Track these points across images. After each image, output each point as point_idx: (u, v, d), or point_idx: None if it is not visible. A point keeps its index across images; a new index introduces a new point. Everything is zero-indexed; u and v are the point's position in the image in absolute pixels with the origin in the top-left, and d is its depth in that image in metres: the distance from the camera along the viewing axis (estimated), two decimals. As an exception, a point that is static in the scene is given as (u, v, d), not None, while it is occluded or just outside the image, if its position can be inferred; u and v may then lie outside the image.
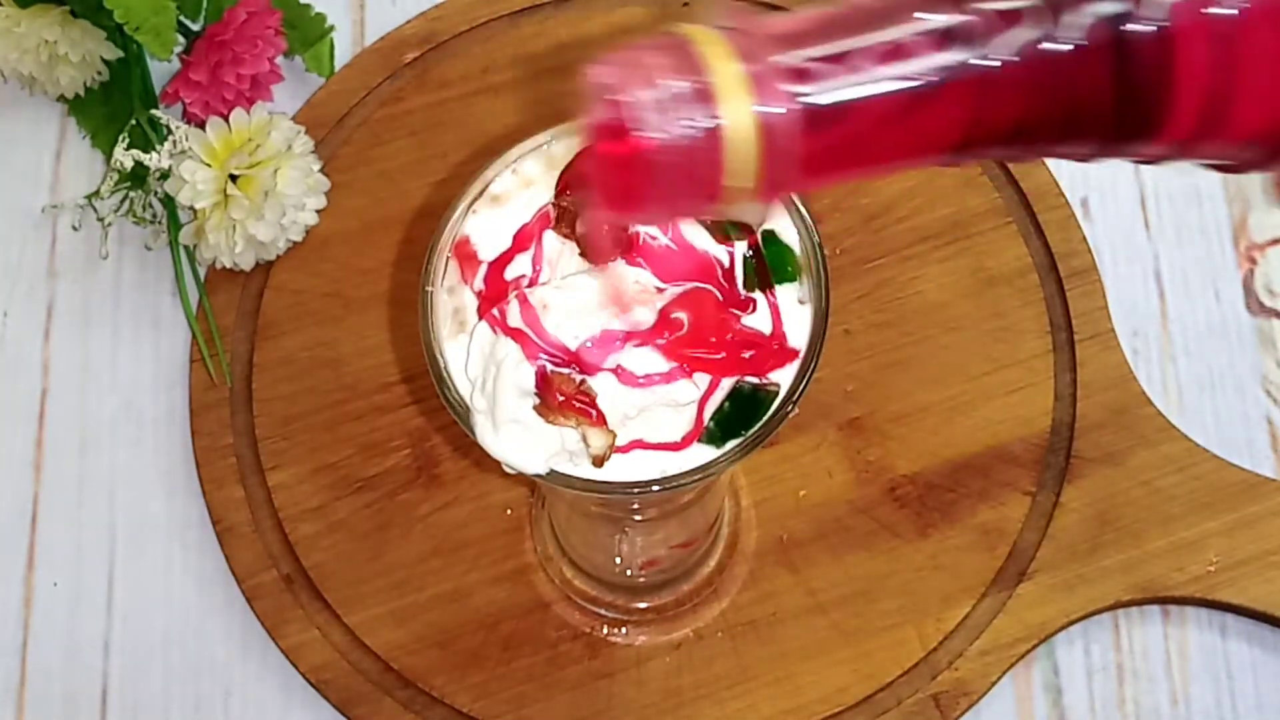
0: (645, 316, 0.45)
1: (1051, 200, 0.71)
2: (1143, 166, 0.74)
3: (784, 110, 0.34)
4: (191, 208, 0.67)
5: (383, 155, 0.73)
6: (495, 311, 0.46)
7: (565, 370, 0.45)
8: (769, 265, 0.47)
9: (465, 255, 0.47)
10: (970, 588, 0.64)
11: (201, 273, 0.71)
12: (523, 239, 0.47)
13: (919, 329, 0.69)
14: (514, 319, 0.45)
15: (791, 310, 0.47)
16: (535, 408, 0.45)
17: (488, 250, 0.47)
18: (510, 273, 0.46)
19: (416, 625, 0.64)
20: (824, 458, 0.67)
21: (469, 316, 0.47)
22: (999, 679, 0.63)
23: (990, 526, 0.65)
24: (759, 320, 0.46)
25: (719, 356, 0.45)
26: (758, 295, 0.46)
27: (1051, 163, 0.72)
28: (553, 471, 0.46)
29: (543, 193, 0.48)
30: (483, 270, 0.47)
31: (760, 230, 0.47)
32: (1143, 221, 0.73)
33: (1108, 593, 0.64)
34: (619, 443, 0.45)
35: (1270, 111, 0.34)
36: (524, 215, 0.48)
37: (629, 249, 0.46)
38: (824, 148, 0.34)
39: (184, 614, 0.66)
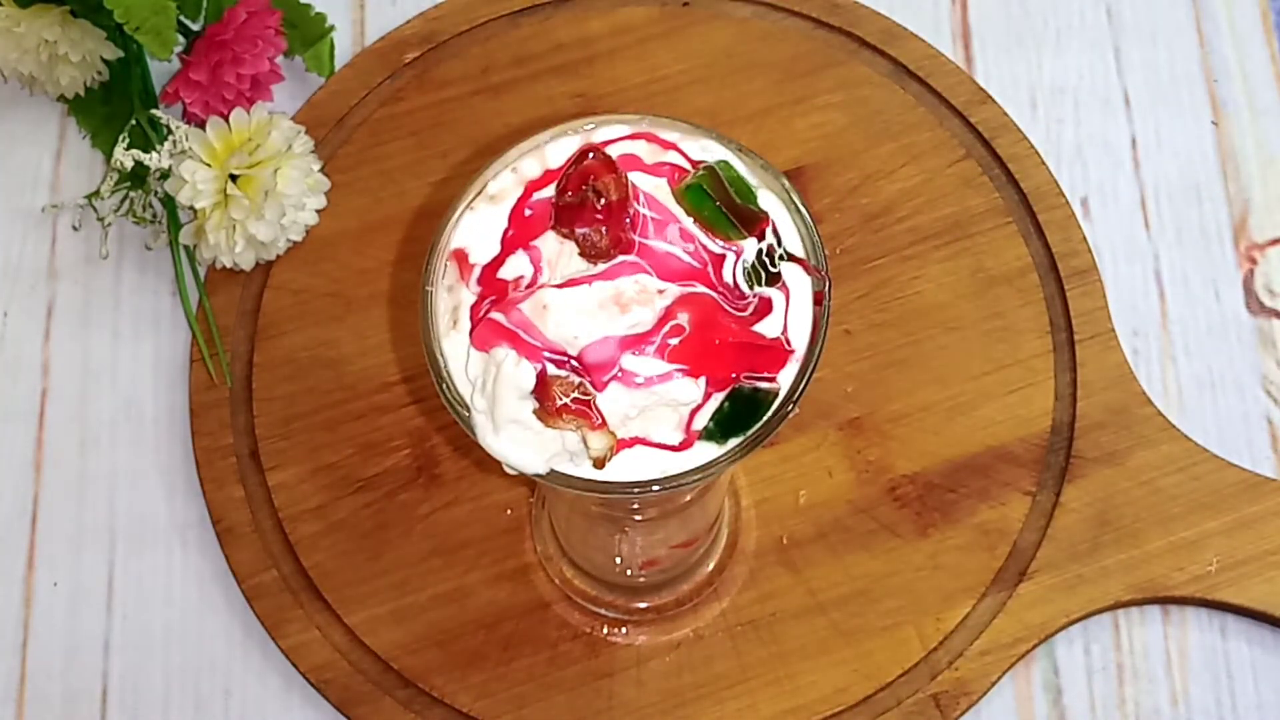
0: (645, 318, 0.45)
1: (1051, 200, 0.71)
2: (1143, 165, 0.74)
3: None
4: (191, 208, 0.67)
5: (383, 155, 0.73)
6: (484, 318, 0.45)
7: (564, 372, 0.44)
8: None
9: (461, 255, 0.47)
10: (970, 588, 0.64)
11: (201, 273, 0.71)
12: (509, 244, 0.47)
13: (919, 329, 0.69)
14: (507, 323, 0.45)
15: (798, 308, 0.46)
16: (535, 412, 0.45)
17: (485, 250, 0.47)
18: (509, 273, 0.46)
19: (416, 625, 0.64)
20: (824, 458, 0.67)
21: (463, 315, 0.46)
22: (999, 679, 0.63)
23: (990, 526, 0.65)
24: (762, 319, 0.46)
25: (720, 357, 0.45)
26: (767, 292, 0.46)
27: (1052, 162, 0.72)
28: (553, 471, 0.46)
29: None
30: (477, 271, 0.47)
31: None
32: (1143, 221, 0.73)
33: (1108, 593, 0.64)
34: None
35: None
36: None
37: (629, 249, 0.45)
38: None
39: (184, 614, 0.66)
